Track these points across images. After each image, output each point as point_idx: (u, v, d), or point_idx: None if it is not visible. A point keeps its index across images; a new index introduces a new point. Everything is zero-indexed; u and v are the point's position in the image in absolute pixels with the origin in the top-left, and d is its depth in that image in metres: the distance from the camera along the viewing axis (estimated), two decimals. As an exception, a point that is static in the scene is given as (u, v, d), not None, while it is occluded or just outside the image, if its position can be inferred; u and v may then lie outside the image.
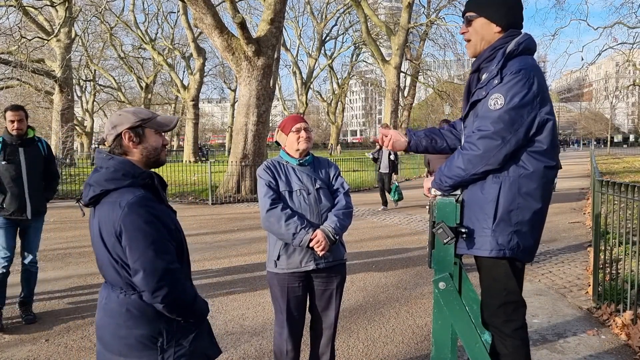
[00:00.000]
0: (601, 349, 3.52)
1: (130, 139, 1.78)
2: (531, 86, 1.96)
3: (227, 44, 12.25)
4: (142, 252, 1.63)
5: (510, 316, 2.11)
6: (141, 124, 1.80)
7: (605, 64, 65.23)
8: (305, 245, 2.49)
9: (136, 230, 1.63)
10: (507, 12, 2.11)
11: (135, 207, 1.65)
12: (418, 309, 4.45)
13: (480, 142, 1.99)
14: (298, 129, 2.64)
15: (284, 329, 2.66)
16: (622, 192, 4.07)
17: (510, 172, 2.01)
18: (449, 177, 2.10)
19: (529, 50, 2.08)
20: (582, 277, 5.32)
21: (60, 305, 4.69)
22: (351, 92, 71.93)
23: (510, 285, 2.10)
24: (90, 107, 42.55)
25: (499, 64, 2.03)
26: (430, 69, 38.15)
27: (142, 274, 1.63)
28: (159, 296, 1.64)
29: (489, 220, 2.03)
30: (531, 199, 2.02)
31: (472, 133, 2.04)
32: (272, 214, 2.51)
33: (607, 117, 53.98)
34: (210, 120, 71.45)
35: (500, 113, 1.96)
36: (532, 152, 2.01)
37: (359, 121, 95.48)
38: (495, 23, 2.11)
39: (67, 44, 23.66)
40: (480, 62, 2.15)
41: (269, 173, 2.62)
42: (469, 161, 2.02)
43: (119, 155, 1.78)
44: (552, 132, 2.03)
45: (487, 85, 2.05)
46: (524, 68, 1.98)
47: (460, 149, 2.08)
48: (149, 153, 1.82)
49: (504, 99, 1.96)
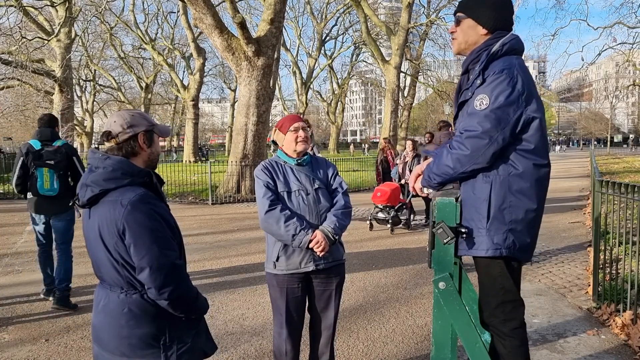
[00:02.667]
0: (601, 349, 3.52)
1: (145, 141, 1.82)
2: (515, 85, 1.98)
3: (227, 44, 12.25)
4: (148, 250, 1.64)
5: (508, 315, 2.12)
6: (152, 128, 1.85)
7: (605, 64, 65.23)
8: (305, 247, 2.48)
9: (140, 227, 1.64)
10: (495, 16, 2.14)
11: (138, 205, 1.66)
12: (418, 309, 4.45)
13: (468, 141, 2.01)
14: (296, 128, 2.61)
15: (283, 330, 2.66)
16: (622, 192, 4.07)
17: (500, 171, 2.04)
18: (437, 174, 2.13)
19: (515, 50, 2.10)
20: (582, 277, 5.32)
21: (60, 305, 4.68)
22: (351, 92, 71.92)
23: (507, 285, 2.11)
24: (90, 107, 42.57)
25: (481, 64, 2.07)
26: (430, 69, 38.12)
27: (149, 271, 1.64)
28: (166, 292, 1.66)
29: (483, 220, 2.05)
30: (524, 197, 2.03)
31: (460, 133, 2.07)
32: (271, 215, 2.49)
33: (607, 117, 53.98)
34: (210, 120, 71.46)
35: (486, 112, 1.98)
36: (521, 151, 2.03)
37: (359, 121, 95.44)
38: (482, 25, 2.16)
39: (67, 44, 23.64)
40: (468, 63, 2.19)
41: (266, 173, 2.60)
42: (458, 160, 2.04)
43: (126, 155, 1.79)
44: (540, 130, 2.05)
45: (472, 85, 2.09)
46: (507, 68, 2.01)
47: (449, 147, 2.09)
48: (154, 157, 1.88)
49: (489, 99, 1.98)
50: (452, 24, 2.28)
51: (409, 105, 36.75)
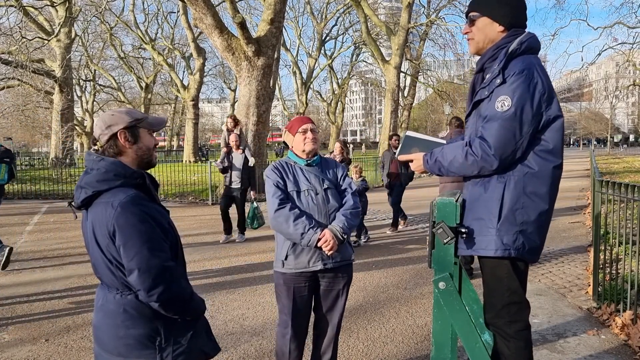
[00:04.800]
0: (601, 349, 3.51)
1: (126, 139, 1.78)
2: (536, 85, 1.96)
3: (227, 44, 12.25)
4: (137, 251, 1.63)
5: (513, 317, 2.10)
6: (136, 123, 1.80)
7: (605, 64, 65.19)
8: (314, 245, 2.49)
9: (130, 229, 1.63)
10: (510, 12, 2.11)
11: (128, 206, 1.65)
12: (418, 309, 4.45)
13: (495, 146, 1.96)
14: (305, 129, 2.66)
15: (288, 330, 2.66)
16: (622, 192, 4.07)
17: (515, 171, 2.00)
18: (445, 167, 2.09)
19: (532, 49, 2.07)
20: (582, 277, 5.32)
21: (60, 305, 4.68)
22: (351, 92, 71.89)
23: (514, 286, 2.08)
24: (90, 107, 42.52)
25: (501, 63, 2.02)
26: (430, 69, 38.09)
27: (137, 273, 1.63)
28: (155, 295, 1.64)
29: (493, 220, 2.01)
30: (537, 199, 2.00)
31: (481, 135, 2.00)
32: (280, 214, 2.51)
33: (607, 117, 53.95)
34: (210, 120, 71.42)
35: (510, 115, 1.95)
36: (539, 151, 2.00)
37: (359, 121, 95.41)
38: (498, 22, 2.11)
39: (67, 44, 23.66)
40: (484, 61, 2.15)
41: (276, 173, 2.63)
42: (479, 166, 2.01)
43: (112, 155, 1.77)
44: (560, 130, 2.01)
45: (490, 84, 2.04)
46: (527, 68, 1.97)
47: (470, 147, 2.02)
48: (143, 153, 1.83)
49: (510, 100, 1.95)
50: (465, 24, 2.24)
51: (409, 105, 36.72)
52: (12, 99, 31.98)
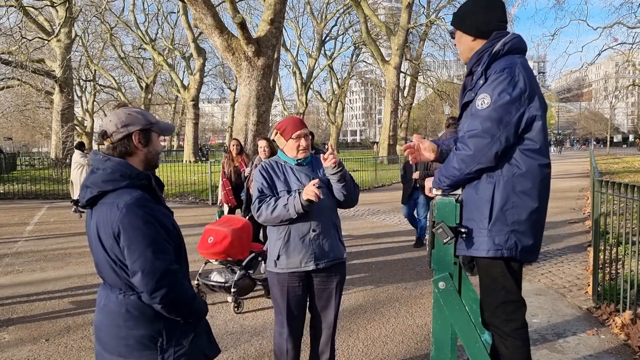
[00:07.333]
0: (601, 348, 3.52)
1: (139, 141, 1.78)
2: (517, 83, 1.99)
3: (227, 44, 12.25)
4: (141, 253, 1.63)
5: (510, 316, 2.11)
6: (150, 127, 1.81)
7: (605, 64, 65.08)
8: (306, 203, 2.41)
9: (134, 230, 1.64)
10: (476, 21, 2.18)
11: (133, 208, 1.65)
12: (418, 309, 4.45)
13: (471, 141, 2.03)
14: (298, 136, 2.60)
15: (284, 329, 2.66)
16: (621, 192, 4.07)
17: (503, 171, 2.04)
18: (446, 177, 2.15)
19: (517, 49, 2.11)
20: (581, 277, 5.32)
21: (60, 305, 4.69)
22: (351, 92, 71.85)
23: (508, 285, 2.11)
24: (90, 107, 42.50)
25: (483, 65, 2.09)
26: (430, 69, 38.12)
27: (141, 275, 1.63)
28: (158, 297, 1.65)
29: (484, 221, 2.05)
30: (527, 198, 2.03)
31: (463, 134, 2.08)
32: (261, 209, 2.54)
33: (607, 117, 53.95)
34: (210, 120, 71.41)
35: (488, 111, 1.99)
36: (525, 151, 2.04)
37: (358, 121, 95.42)
38: (467, 34, 2.21)
39: (67, 44, 23.66)
40: (471, 65, 2.21)
41: (264, 175, 2.62)
42: (462, 161, 2.06)
43: (120, 155, 1.77)
44: (543, 129, 2.05)
45: (475, 86, 2.10)
46: (509, 66, 2.02)
47: (455, 149, 2.11)
48: (152, 156, 1.83)
49: (490, 98, 2.00)
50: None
51: (409, 105, 36.74)
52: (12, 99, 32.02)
